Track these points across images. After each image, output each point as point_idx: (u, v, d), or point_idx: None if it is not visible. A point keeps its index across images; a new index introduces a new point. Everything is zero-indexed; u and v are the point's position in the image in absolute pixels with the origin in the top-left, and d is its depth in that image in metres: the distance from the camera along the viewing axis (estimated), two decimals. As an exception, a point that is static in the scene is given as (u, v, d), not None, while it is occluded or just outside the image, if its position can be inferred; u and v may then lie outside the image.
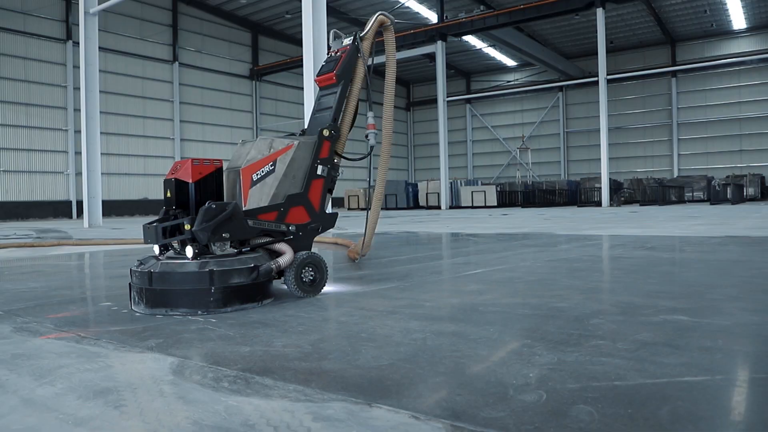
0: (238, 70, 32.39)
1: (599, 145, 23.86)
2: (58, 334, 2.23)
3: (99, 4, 14.98)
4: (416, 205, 30.96)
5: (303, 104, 10.58)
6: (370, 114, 3.58)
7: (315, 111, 3.43)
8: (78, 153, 23.55)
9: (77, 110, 23.22)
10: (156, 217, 2.89)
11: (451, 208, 27.75)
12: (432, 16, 29.59)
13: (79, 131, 15.57)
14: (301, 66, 10.61)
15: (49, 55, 25.03)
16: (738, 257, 4.35)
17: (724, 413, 1.28)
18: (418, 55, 30.40)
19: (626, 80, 33.49)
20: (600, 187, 24.68)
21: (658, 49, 34.13)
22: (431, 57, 30.88)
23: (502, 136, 39.08)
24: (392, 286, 3.25)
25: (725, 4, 28.70)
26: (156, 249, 2.85)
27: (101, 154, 15.82)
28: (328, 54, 3.54)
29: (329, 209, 3.82)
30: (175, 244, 2.83)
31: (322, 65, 3.48)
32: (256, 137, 26.33)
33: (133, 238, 8.94)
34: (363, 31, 3.53)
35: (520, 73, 38.60)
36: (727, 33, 32.06)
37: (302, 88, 10.70)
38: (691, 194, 27.81)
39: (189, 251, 2.66)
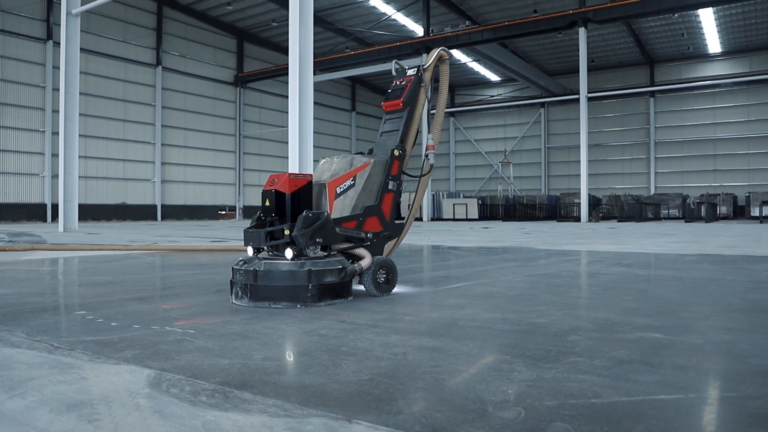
0: (223, 77, 32.25)
1: (579, 161, 24.20)
2: (29, 344, 2.18)
3: (82, 5, 14.83)
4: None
5: (287, 112, 10.57)
6: (429, 136, 3.87)
7: (381, 133, 3.81)
8: (55, 155, 23.24)
9: (55, 111, 22.92)
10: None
11: (432, 220, 27.84)
12: (418, 30, 29.85)
13: (57, 133, 15.38)
14: (286, 74, 10.60)
15: (28, 54, 24.68)
16: (711, 275, 4.43)
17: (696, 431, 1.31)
18: (403, 67, 30.54)
19: (606, 98, 34.10)
20: (579, 203, 25.00)
21: (637, 69, 34.83)
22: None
23: (484, 150, 39.43)
24: (372, 299, 3.25)
25: (702, 28, 29.44)
26: (250, 251, 3.21)
27: (79, 156, 15.59)
28: (393, 83, 3.87)
29: None
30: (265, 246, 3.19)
31: (388, 92, 3.84)
32: (239, 144, 26.25)
33: (109, 243, 8.80)
34: (425, 64, 3.85)
35: (503, 89, 39.06)
36: (703, 56, 32.87)
37: (287, 96, 10.69)
38: (666, 211, 28.29)
39: (289, 253, 3.04)
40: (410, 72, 3.82)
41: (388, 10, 29.07)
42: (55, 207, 23.19)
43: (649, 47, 32.48)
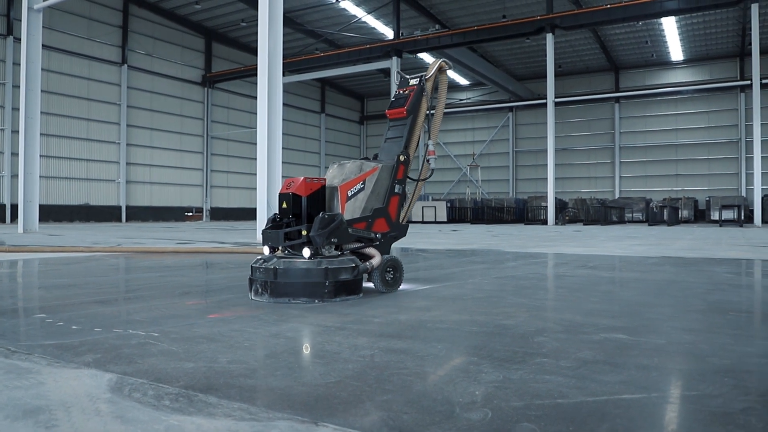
0: (190, 76, 31.78)
1: (546, 164, 24.59)
2: (-14, 347, 2.10)
3: (44, 0, 14.44)
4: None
5: (256, 113, 10.46)
6: (430, 142, 4.07)
7: (386, 139, 4.02)
8: (15, 154, 22.52)
9: (15, 109, 22.25)
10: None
11: (401, 222, 27.84)
12: (388, 32, 29.92)
13: (17, 131, 14.92)
14: (255, 75, 10.50)
15: (-13, 50, 23.91)
16: (672, 277, 4.54)
17: (658, 430, 1.33)
18: (373, 69, 30.67)
19: (573, 103, 34.72)
20: (546, 206, 25.39)
21: (602, 75, 35.59)
22: (386, 72, 31.19)
23: (453, 153, 39.72)
24: (340, 302, 3.24)
25: (665, 36, 30.26)
26: (266, 250, 3.38)
27: (40, 156, 15.15)
28: (396, 92, 4.09)
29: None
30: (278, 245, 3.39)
31: (392, 101, 4.05)
32: (206, 145, 25.93)
33: (71, 245, 8.58)
34: (427, 74, 4.05)
35: (472, 92, 39.44)
36: (666, 63, 33.79)
37: (255, 97, 10.59)
38: (631, 215, 28.95)
39: (307, 252, 3.23)
40: (413, 82, 4.03)
41: (359, 12, 29.08)
42: (14, 207, 22.47)
43: (614, 54, 33.23)
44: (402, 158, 3.79)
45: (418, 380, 1.70)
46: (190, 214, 31.48)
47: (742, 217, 24.02)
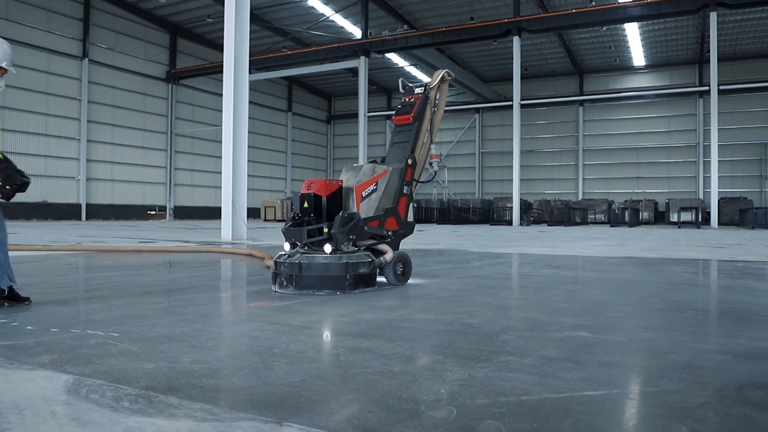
0: (154, 72, 31.10)
1: (512, 166, 24.91)
2: (-67, 349, 2.01)
3: (0, -9, 13.95)
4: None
5: (221, 111, 10.31)
6: (432, 146, 4.37)
7: (393, 143, 4.30)
8: (-32, 149, 21.68)
9: (-31, 103, 21.43)
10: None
11: (369, 222, 27.82)
12: (356, 32, 29.86)
13: (-29, 126, 14.36)
14: (221, 72, 10.35)
15: (-62, 41, 22.95)
16: (633, 277, 4.65)
17: (619, 425, 1.35)
18: (341, 69, 30.57)
19: (538, 106, 35.24)
20: (511, 207, 25.72)
21: (567, 78, 36.25)
22: (354, 72, 31.10)
23: (420, 154, 39.81)
24: (306, 301, 3.22)
25: (628, 42, 31.01)
26: (287, 246, 3.64)
27: (-5, 151, 14.60)
28: (401, 99, 4.36)
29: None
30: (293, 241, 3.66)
31: (398, 108, 4.33)
32: (170, 143, 25.34)
33: (28, 243, 8.30)
34: (432, 84, 4.32)
35: (439, 93, 39.60)
36: (628, 68, 34.63)
37: (221, 94, 10.43)
38: (593, 216, 29.56)
39: (328, 248, 3.50)
40: (417, 90, 4.31)
41: (327, 10, 28.94)
42: (-33, 205, 21.63)
43: (579, 58, 33.89)
44: (410, 161, 4.08)
45: (384, 379, 1.69)
46: (153, 212, 30.83)
47: (700, 219, 24.77)
